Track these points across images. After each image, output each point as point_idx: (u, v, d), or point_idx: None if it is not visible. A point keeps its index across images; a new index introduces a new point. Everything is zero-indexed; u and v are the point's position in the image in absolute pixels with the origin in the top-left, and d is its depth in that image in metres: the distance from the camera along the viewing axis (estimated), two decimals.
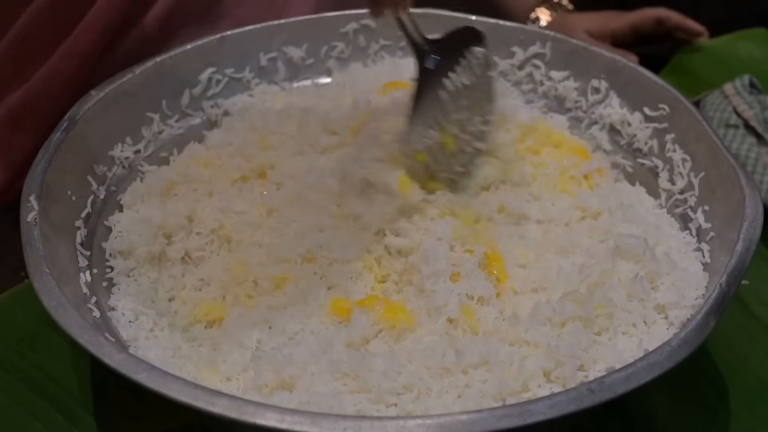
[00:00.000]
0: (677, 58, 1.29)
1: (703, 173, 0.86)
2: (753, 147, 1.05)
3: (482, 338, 0.73)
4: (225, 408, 0.60)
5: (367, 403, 0.67)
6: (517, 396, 0.67)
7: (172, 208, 0.85)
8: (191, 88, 0.99)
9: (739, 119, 1.09)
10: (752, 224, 0.75)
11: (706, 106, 1.12)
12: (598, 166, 0.92)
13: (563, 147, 0.94)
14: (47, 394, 0.80)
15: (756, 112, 1.09)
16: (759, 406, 0.82)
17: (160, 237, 0.84)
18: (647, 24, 1.30)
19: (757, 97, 1.11)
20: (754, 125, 1.07)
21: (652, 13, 1.30)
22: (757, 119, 1.08)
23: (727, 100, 1.11)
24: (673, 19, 1.29)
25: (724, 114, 1.10)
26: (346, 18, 1.04)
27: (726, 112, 1.10)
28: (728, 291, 0.70)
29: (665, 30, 1.30)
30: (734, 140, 1.06)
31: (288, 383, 0.69)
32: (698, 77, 1.24)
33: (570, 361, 0.69)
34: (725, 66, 1.24)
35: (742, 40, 1.30)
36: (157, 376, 0.63)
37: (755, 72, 1.17)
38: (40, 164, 0.80)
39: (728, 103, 1.11)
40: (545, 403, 0.61)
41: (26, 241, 0.73)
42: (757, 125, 1.07)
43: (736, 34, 1.31)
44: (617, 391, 0.62)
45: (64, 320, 0.67)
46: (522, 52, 1.02)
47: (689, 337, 0.66)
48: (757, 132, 1.07)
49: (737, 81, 1.13)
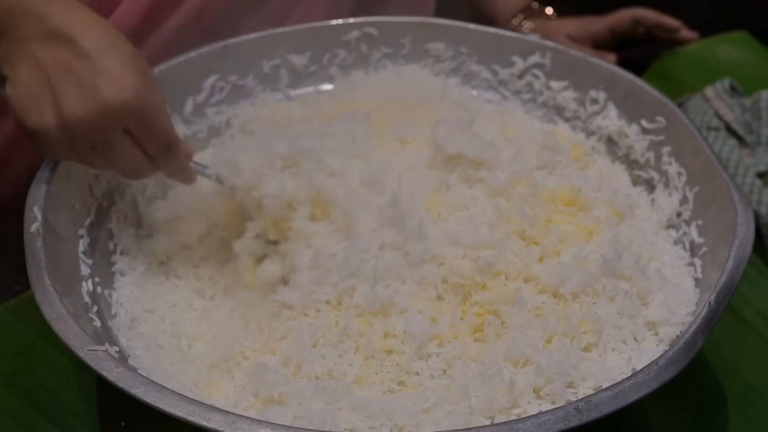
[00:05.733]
0: (658, 63, 1.29)
1: (698, 188, 0.87)
2: (734, 149, 1.07)
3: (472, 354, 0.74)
4: (219, 423, 0.62)
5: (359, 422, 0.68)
6: (507, 413, 0.68)
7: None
8: (195, 96, 1.00)
9: (720, 122, 1.10)
10: (743, 242, 0.75)
11: (688, 110, 1.13)
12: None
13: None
14: (44, 408, 0.80)
15: (737, 115, 1.10)
16: (751, 411, 0.84)
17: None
18: (624, 24, 1.31)
19: (738, 100, 1.13)
20: (735, 128, 1.09)
21: (629, 13, 1.31)
22: (737, 122, 1.09)
23: (708, 104, 1.12)
24: (649, 18, 1.30)
25: (706, 117, 1.11)
26: (348, 26, 1.05)
27: (707, 115, 1.11)
28: (717, 309, 0.71)
29: (644, 31, 1.31)
30: (716, 142, 1.07)
31: (278, 399, 0.71)
32: (679, 81, 1.24)
33: (559, 378, 0.70)
34: (706, 70, 1.25)
35: (722, 44, 1.31)
36: (154, 390, 0.64)
37: (735, 75, 1.17)
38: (44, 175, 0.81)
39: (709, 107, 1.11)
40: (533, 422, 0.62)
41: (29, 252, 0.75)
42: (738, 128, 1.08)
43: (716, 38, 1.32)
44: (604, 410, 0.63)
45: (63, 332, 0.69)
46: (522, 62, 1.03)
47: (677, 356, 0.67)
48: (738, 134, 1.08)
49: (718, 84, 1.14)
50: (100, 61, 0.72)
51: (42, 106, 0.73)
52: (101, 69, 0.72)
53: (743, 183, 1.02)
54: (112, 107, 0.72)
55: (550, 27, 1.33)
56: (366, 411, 0.68)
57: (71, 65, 0.72)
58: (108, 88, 0.72)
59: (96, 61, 0.72)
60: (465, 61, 1.05)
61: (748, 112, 1.12)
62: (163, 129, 0.77)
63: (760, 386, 0.86)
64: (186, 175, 0.84)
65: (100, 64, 0.72)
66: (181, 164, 0.83)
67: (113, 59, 0.73)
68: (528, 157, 0.88)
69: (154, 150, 0.78)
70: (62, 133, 0.73)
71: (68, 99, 0.72)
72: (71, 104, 0.72)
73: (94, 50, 0.72)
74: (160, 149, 0.78)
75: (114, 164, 0.79)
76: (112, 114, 0.73)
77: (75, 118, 0.72)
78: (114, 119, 0.73)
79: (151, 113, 0.75)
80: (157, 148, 0.78)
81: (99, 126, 0.73)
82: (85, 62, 0.72)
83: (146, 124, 0.75)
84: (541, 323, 0.75)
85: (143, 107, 0.74)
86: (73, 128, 0.73)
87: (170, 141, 0.79)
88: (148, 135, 0.77)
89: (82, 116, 0.72)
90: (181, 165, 0.83)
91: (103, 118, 0.73)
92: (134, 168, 0.79)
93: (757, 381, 0.86)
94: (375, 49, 1.06)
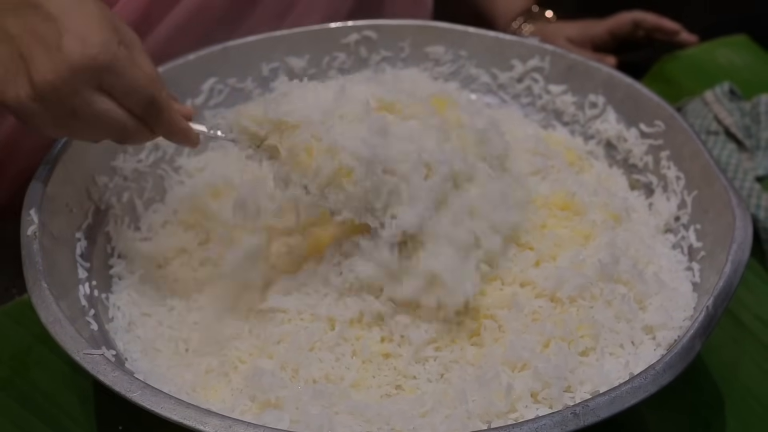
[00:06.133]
0: (657, 66, 1.29)
1: (696, 192, 0.87)
2: (733, 153, 1.06)
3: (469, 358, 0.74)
4: (216, 427, 0.62)
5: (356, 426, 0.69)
6: (504, 417, 0.68)
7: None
8: (194, 98, 1.00)
9: (720, 126, 1.10)
10: (741, 246, 0.75)
11: (687, 113, 1.13)
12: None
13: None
14: (41, 412, 0.80)
15: (736, 119, 1.10)
16: (749, 415, 0.84)
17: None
18: (624, 27, 1.31)
19: (737, 104, 1.12)
20: (734, 132, 1.08)
21: (628, 16, 1.31)
22: (737, 126, 1.09)
23: (707, 108, 1.12)
24: (649, 20, 1.30)
25: (705, 121, 1.10)
26: (347, 29, 1.05)
27: (707, 119, 1.11)
28: (715, 314, 0.71)
29: (644, 34, 1.31)
30: (715, 146, 1.07)
31: (275, 403, 0.71)
32: (679, 85, 1.24)
33: (557, 383, 0.70)
34: (705, 74, 1.25)
35: (722, 48, 1.30)
36: (150, 394, 0.64)
37: (735, 79, 1.17)
38: (41, 177, 0.81)
39: (709, 110, 1.11)
40: (530, 427, 0.62)
41: (25, 255, 0.75)
42: (737, 132, 1.08)
43: (716, 42, 1.32)
44: (601, 414, 0.64)
45: (60, 336, 0.69)
46: (521, 66, 1.03)
47: (674, 361, 0.67)
48: (738, 138, 1.08)
49: (717, 88, 1.14)
50: (66, 21, 0.70)
51: (17, 78, 0.71)
52: (66, 29, 0.70)
53: (742, 187, 1.02)
54: (78, 64, 0.70)
55: (549, 30, 1.33)
56: (363, 415, 0.68)
57: (38, 31, 0.70)
58: (73, 46, 0.70)
59: (61, 22, 0.70)
60: (464, 64, 1.05)
61: (748, 116, 1.12)
62: (140, 83, 0.74)
63: (758, 390, 0.86)
64: (184, 135, 0.80)
65: (66, 24, 0.70)
66: (176, 123, 0.79)
67: (78, 18, 0.71)
68: (520, 163, 0.88)
69: (137, 108, 0.75)
70: (38, 103, 0.71)
71: (37, 65, 0.70)
72: (40, 69, 0.70)
73: (59, 11, 0.71)
74: (142, 105, 0.75)
75: (99, 129, 0.75)
76: (78, 71, 0.70)
77: (46, 84, 0.70)
78: (83, 77, 0.71)
79: (122, 67, 0.73)
80: (139, 105, 0.75)
81: (70, 87, 0.71)
82: (51, 24, 0.70)
83: (120, 79, 0.73)
84: (539, 327, 0.75)
85: (112, 61, 0.71)
86: (46, 94, 0.71)
87: (152, 95, 0.75)
88: (125, 91, 0.73)
89: (51, 80, 0.70)
90: (175, 124, 0.79)
91: (72, 77, 0.70)
92: (124, 130, 0.75)
93: (755, 385, 0.86)
94: (374, 52, 1.06)
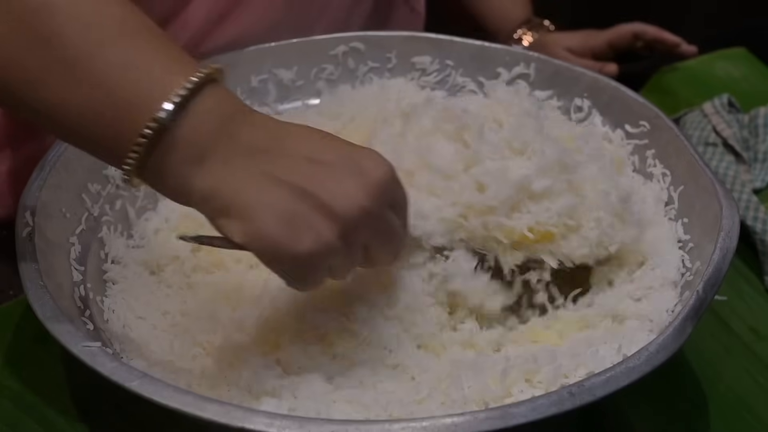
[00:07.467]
0: (656, 78, 1.30)
1: (683, 187, 0.88)
2: (731, 165, 1.07)
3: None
4: (215, 413, 0.62)
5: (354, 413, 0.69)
6: (500, 401, 0.69)
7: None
8: None
9: (718, 138, 1.11)
10: (728, 234, 0.77)
11: (686, 125, 1.14)
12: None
13: None
14: (35, 412, 0.80)
15: (734, 131, 1.11)
16: (735, 421, 0.84)
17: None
18: (624, 39, 1.32)
19: (736, 116, 1.14)
20: (732, 144, 1.10)
21: (629, 28, 1.32)
22: (735, 138, 1.10)
23: (706, 119, 1.13)
24: (649, 33, 1.32)
25: (704, 132, 1.12)
26: (335, 41, 1.06)
27: (705, 130, 1.12)
28: (705, 297, 0.71)
29: (644, 45, 1.33)
30: (713, 158, 1.08)
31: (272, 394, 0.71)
32: (677, 96, 1.26)
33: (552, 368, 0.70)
34: (704, 85, 1.26)
35: (721, 60, 1.32)
36: (149, 383, 0.64)
37: (733, 91, 1.19)
38: (35, 181, 0.82)
39: (707, 122, 1.13)
40: (527, 406, 0.63)
41: (21, 255, 0.75)
42: (735, 144, 1.09)
43: (715, 54, 1.33)
44: (597, 394, 0.64)
45: (57, 330, 0.69)
46: (507, 73, 1.04)
47: (667, 341, 0.67)
48: (736, 150, 1.09)
49: (716, 100, 1.15)
50: (347, 149, 0.66)
51: (310, 221, 0.64)
52: (356, 154, 0.66)
53: (740, 199, 1.02)
54: (383, 181, 0.65)
55: (550, 41, 1.34)
56: (360, 402, 0.69)
57: (314, 163, 0.65)
58: (372, 166, 0.65)
59: (345, 151, 0.66)
60: (451, 73, 1.07)
61: (746, 128, 1.13)
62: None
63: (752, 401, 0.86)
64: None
65: (350, 152, 0.66)
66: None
67: (358, 146, 0.67)
68: None
69: (404, 220, 0.71)
70: (344, 234, 0.64)
71: (336, 196, 0.64)
72: (343, 199, 0.64)
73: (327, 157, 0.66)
74: (406, 217, 0.72)
75: (390, 248, 0.70)
76: (385, 188, 0.66)
77: (357, 209, 0.64)
78: (387, 193, 0.67)
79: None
80: (405, 218, 0.72)
81: (378, 206, 0.66)
82: (334, 155, 0.66)
83: (401, 191, 0.69)
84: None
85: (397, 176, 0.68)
86: (355, 221, 0.64)
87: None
88: (403, 205, 0.70)
89: (363, 204, 0.64)
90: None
91: (381, 195, 0.65)
92: (397, 247, 0.71)
93: (748, 395, 0.86)
94: (362, 63, 1.07)
